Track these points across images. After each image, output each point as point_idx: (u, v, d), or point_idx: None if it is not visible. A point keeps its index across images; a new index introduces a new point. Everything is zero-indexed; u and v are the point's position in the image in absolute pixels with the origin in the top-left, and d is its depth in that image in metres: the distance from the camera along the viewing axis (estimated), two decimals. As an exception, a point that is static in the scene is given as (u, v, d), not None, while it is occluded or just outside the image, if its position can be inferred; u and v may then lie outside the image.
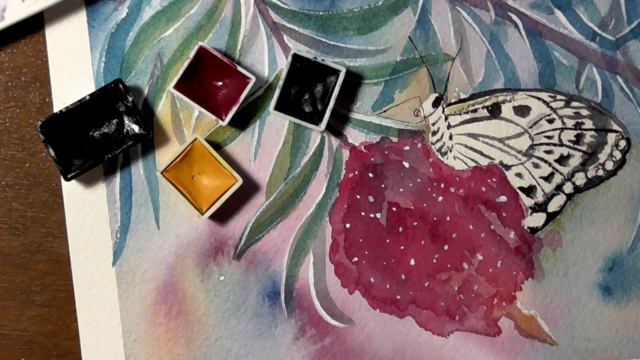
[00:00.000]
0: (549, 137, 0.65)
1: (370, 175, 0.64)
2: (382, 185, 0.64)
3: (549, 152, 0.65)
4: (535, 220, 0.65)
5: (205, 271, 0.64)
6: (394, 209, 0.64)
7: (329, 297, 0.64)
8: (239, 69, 0.62)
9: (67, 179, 0.61)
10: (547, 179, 0.65)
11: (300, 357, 0.64)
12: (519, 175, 0.65)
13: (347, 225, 0.64)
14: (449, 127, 0.65)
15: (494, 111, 0.65)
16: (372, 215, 0.64)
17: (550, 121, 0.65)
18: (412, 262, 0.64)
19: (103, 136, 0.63)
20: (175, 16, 0.64)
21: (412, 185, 0.64)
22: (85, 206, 0.64)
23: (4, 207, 0.64)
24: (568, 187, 0.65)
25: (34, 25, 0.64)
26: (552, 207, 0.65)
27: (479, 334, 0.64)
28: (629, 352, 0.65)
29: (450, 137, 0.65)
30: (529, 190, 0.65)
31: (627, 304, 0.65)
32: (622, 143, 0.65)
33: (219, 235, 0.64)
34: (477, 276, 0.64)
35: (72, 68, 0.64)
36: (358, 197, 0.64)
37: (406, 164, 0.64)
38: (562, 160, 0.65)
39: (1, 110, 0.64)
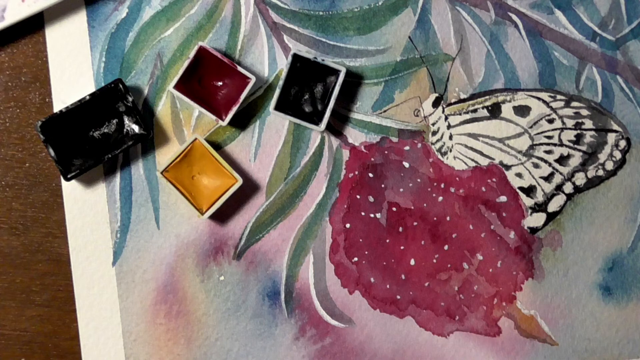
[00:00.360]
0: (549, 137, 0.65)
1: (370, 175, 0.64)
2: (382, 185, 0.64)
3: (549, 152, 0.65)
4: (535, 220, 0.65)
5: (205, 271, 0.64)
6: (394, 209, 0.64)
7: (329, 297, 0.64)
8: (239, 69, 0.62)
9: (67, 179, 0.61)
10: (547, 179, 0.65)
11: (300, 357, 0.64)
12: (519, 175, 0.65)
13: (347, 225, 0.64)
14: (449, 127, 0.65)
15: (494, 111, 0.65)
16: (372, 215, 0.64)
17: (550, 121, 0.65)
18: (412, 262, 0.64)
19: (103, 136, 0.63)
20: (175, 16, 0.64)
21: (412, 185, 0.64)
22: (85, 206, 0.64)
23: (4, 207, 0.64)
24: (568, 187, 0.65)
25: (34, 25, 0.64)
26: (552, 207, 0.65)
27: (479, 334, 0.64)
28: (629, 352, 0.65)
29: (450, 137, 0.65)
30: (529, 190, 0.65)
31: (627, 304, 0.65)
32: (622, 143, 0.65)
33: (219, 235, 0.64)
34: (477, 276, 0.64)
35: (72, 68, 0.64)
36: (358, 197, 0.64)
37: (406, 164, 0.64)
38: (562, 160, 0.65)
39: (1, 110, 0.64)
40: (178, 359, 0.64)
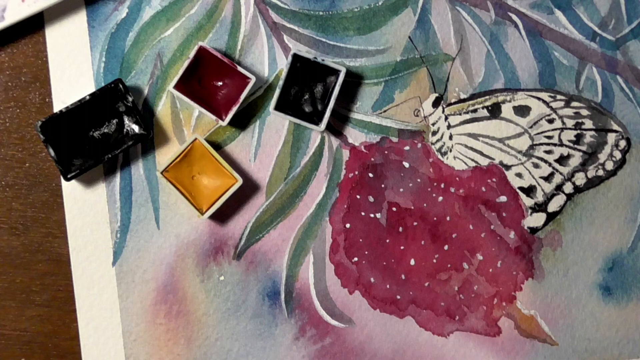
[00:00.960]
0: (549, 137, 0.65)
1: (370, 175, 0.64)
2: (382, 185, 0.64)
3: (549, 152, 0.65)
4: (535, 220, 0.65)
5: (205, 271, 0.64)
6: (394, 209, 0.64)
7: (329, 297, 0.64)
8: (239, 69, 0.62)
9: (67, 179, 0.61)
10: (547, 179, 0.65)
11: (300, 357, 0.64)
12: (519, 175, 0.65)
13: (347, 225, 0.64)
14: (449, 127, 0.65)
15: (494, 111, 0.65)
16: (372, 215, 0.64)
17: (550, 121, 0.65)
18: (412, 262, 0.64)
19: (103, 136, 0.63)
20: (175, 16, 0.64)
21: (412, 185, 0.64)
22: (85, 206, 0.64)
23: (4, 207, 0.64)
24: (568, 187, 0.65)
25: (34, 25, 0.64)
26: (552, 207, 0.65)
27: (479, 334, 0.64)
28: (629, 352, 0.65)
29: (450, 137, 0.65)
30: (529, 190, 0.65)
31: (627, 304, 0.65)
32: (622, 143, 0.65)
33: (219, 235, 0.64)
34: (477, 276, 0.64)
35: (72, 68, 0.64)
36: (358, 197, 0.64)
37: (406, 164, 0.64)
38: (562, 160, 0.65)
39: (1, 110, 0.64)
40: (178, 359, 0.64)
